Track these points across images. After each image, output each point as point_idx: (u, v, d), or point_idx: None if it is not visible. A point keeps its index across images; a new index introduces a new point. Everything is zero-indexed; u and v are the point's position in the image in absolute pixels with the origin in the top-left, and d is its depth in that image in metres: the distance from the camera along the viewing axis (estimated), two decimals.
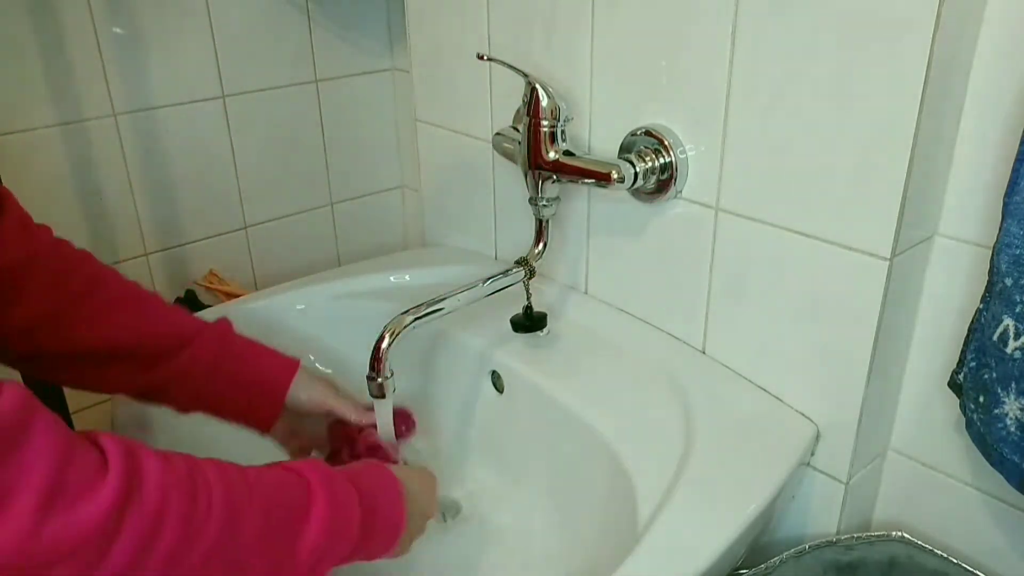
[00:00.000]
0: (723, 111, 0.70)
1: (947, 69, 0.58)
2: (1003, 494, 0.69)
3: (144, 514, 0.42)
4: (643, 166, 0.74)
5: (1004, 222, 0.57)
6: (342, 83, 1.17)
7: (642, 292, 0.84)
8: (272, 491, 0.51)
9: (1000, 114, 0.60)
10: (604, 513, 0.70)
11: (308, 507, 0.52)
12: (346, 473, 0.58)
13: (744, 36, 0.66)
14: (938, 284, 0.68)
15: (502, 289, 0.79)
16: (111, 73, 0.97)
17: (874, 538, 0.71)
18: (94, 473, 0.41)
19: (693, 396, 0.74)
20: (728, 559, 0.63)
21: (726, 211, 0.73)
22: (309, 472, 0.54)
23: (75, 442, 0.41)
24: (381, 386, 0.70)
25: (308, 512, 0.52)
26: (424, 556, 0.77)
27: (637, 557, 0.57)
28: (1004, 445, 0.60)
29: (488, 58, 0.77)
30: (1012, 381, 0.57)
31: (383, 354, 0.69)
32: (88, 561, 0.40)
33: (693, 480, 0.64)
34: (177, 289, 1.09)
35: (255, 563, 0.48)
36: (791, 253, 0.69)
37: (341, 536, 0.54)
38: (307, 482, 0.53)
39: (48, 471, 0.38)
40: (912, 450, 0.74)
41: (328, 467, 0.57)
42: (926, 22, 0.55)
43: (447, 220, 1.05)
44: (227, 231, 1.13)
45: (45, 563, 0.38)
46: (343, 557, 0.55)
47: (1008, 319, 0.57)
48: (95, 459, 0.41)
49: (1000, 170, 0.61)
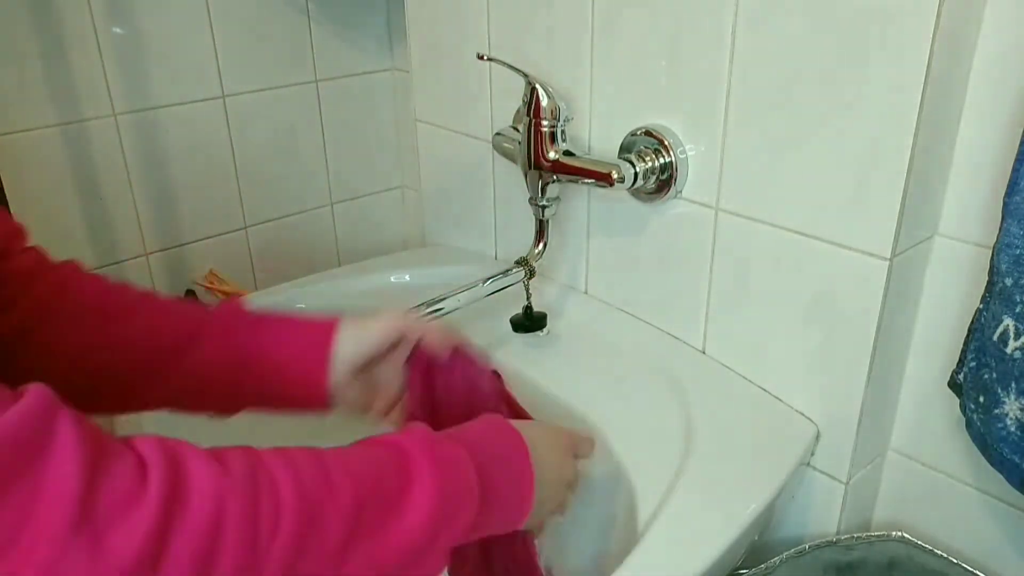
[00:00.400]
0: (723, 111, 0.70)
1: (947, 69, 0.58)
2: (1003, 494, 0.69)
3: (195, 532, 0.35)
4: (643, 166, 0.74)
5: (1004, 222, 0.57)
6: (342, 83, 1.17)
7: (642, 292, 0.84)
8: (360, 477, 0.43)
9: (1000, 114, 0.60)
10: (604, 513, 0.70)
11: (408, 487, 0.44)
12: (455, 435, 0.49)
13: (744, 36, 0.66)
14: (938, 284, 0.68)
15: (502, 289, 0.79)
16: (111, 73, 0.97)
17: (874, 538, 0.71)
18: (131, 486, 0.35)
19: (693, 396, 0.74)
20: (728, 559, 0.63)
21: (726, 211, 0.73)
22: (407, 442, 0.46)
23: (108, 450, 0.35)
24: None
25: (409, 493, 0.44)
26: None
27: (637, 557, 0.57)
28: (1004, 445, 0.60)
29: (488, 58, 0.77)
30: (1012, 381, 0.57)
31: None
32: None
33: (693, 480, 0.64)
34: (177, 289, 1.09)
35: (347, 567, 0.41)
36: (791, 253, 0.69)
37: (454, 515, 0.46)
38: (405, 455, 0.45)
39: (76, 489, 0.33)
40: (912, 450, 0.74)
41: (429, 430, 0.48)
42: (926, 22, 0.55)
43: (447, 220, 1.05)
44: (227, 231, 1.13)
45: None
46: (456, 538, 0.47)
47: (1008, 319, 0.57)
48: (132, 469, 0.35)
49: (1000, 170, 0.61)
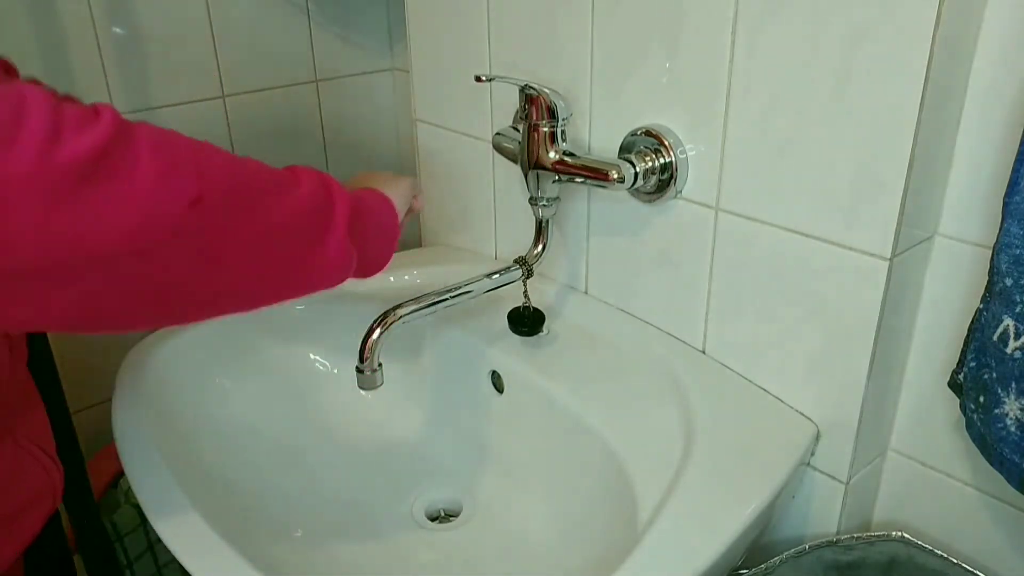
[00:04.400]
0: (723, 111, 0.70)
1: (947, 68, 0.58)
2: (1003, 494, 0.69)
3: (135, 159, 0.43)
4: (643, 166, 0.74)
5: (1004, 222, 0.57)
6: (342, 83, 1.17)
7: (642, 292, 0.84)
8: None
9: (1000, 114, 0.60)
10: (604, 513, 0.70)
11: (332, 202, 0.55)
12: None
13: (744, 36, 0.66)
14: (938, 284, 0.68)
15: (498, 288, 0.79)
16: (111, 73, 0.97)
17: (874, 538, 0.71)
18: (89, 114, 0.42)
19: (693, 396, 0.74)
20: (728, 559, 0.63)
21: (726, 211, 0.73)
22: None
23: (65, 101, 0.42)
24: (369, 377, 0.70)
25: (332, 206, 0.55)
26: (424, 556, 0.77)
27: (637, 557, 0.57)
28: (1004, 445, 0.60)
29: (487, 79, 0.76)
30: (1012, 381, 0.57)
31: (372, 345, 0.70)
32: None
33: (693, 480, 0.64)
34: None
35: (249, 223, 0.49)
36: (791, 253, 0.69)
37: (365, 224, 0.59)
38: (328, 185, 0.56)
39: (47, 110, 0.39)
40: (912, 450, 0.74)
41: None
42: (926, 22, 0.55)
43: (447, 220, 1.05)
44: None
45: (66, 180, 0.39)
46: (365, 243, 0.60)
47: (1008, 319, 0.57)
48: (89, 110, 0.42)
49: (1000, 170, 0.61)
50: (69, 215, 0.40)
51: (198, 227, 0.45)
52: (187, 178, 0.45)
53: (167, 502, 0.64)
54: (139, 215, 0.42)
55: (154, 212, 0.43)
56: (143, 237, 0.43)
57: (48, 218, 0.39)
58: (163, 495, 0.65)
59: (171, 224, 0.44)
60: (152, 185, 0.43)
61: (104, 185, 0.41)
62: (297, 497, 0.80)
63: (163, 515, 0.63)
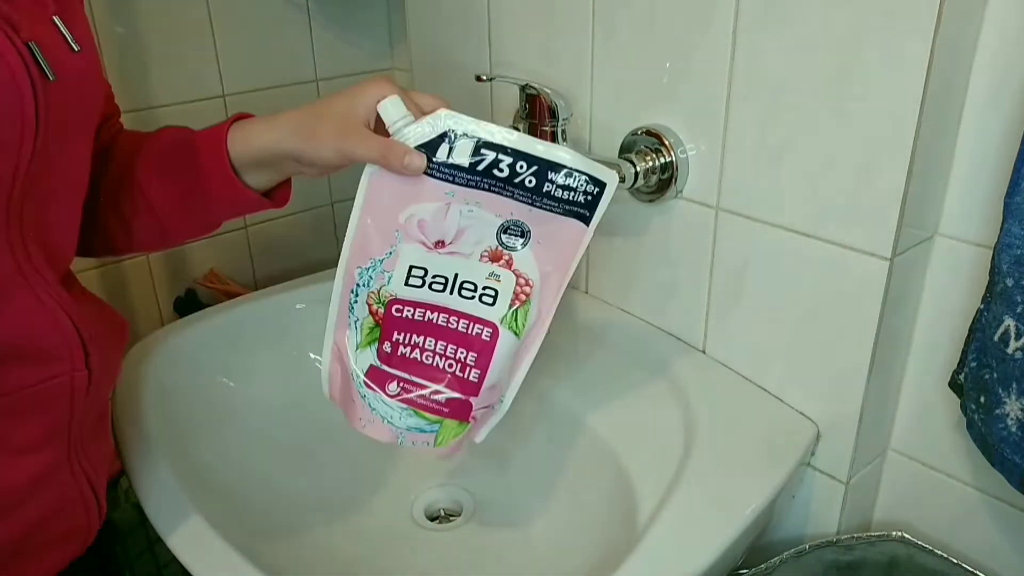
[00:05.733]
0: (723, 111, 0.70)
1: (948, 69, 0.58)
2: (1003, 494, 0.69)
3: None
4: (643, 166, 0.74)
5: (1005, 222, 0.57)
6: (342, 83, 1.17)
7: (642, 292, 0.84)
8: None
9: (1000, 114, 0.60)
10: (604, 513, 0.70)
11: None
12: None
13: (744, 36, 0.66)
14: (939, 284, 0.68)
15: None
16: (111, 73, 0.97)
17: (874, 538, 0.71)
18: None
19: (693, 396, 0.74)
20: (728, 559, 0.63)
21: (726, 211, 0.73)
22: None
23: None
24: None
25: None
26: (424, 556, 0.77)
27: (637, 557, 0.57)
28: (1005, 445, 0.60)
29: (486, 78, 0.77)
30: (1013, 381, 0.57)
31: None
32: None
33: (693, 480, 0.64)
34: (177, 289, 1.09)
35: None
36: (791, 253, 0.69)
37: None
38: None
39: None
40: (912, 450, 0.74)
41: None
42: (927, 22, 0.55)
43: None
44: (227, 231, 1.13)
45: None
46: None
47: (1009, 319, 0.57)
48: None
49: (1001, 170, 0.61)
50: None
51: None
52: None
53: (167, 502, 0.64)
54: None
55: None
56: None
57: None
58: (163, 495, 0.65)
59: None
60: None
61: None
62: (297, 497, 0.80)
63: (163, 515, 0.63)
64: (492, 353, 0.59)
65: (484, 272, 0.59)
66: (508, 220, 0.59)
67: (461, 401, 0.60)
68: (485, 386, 0.60)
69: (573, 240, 0.59)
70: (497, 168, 0.57)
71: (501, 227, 0.59)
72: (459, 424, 0.60)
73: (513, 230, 0.59)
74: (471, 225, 0.58)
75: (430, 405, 0.59)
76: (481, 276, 0.59)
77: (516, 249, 0.59)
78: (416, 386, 0.59)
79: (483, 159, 0.57)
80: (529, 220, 0.59)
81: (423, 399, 0.59)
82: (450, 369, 0.59)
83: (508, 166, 0.57)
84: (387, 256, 0.59)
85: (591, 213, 0.59)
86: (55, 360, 0.53)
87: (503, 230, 0.59)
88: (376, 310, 0.59)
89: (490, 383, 0.60)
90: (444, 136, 0.57)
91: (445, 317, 0.59)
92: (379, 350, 0.59)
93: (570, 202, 0.58)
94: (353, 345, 0.60)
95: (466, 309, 0.59)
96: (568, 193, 0.58)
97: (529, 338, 0.61)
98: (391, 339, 0.59)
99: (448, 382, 0.59)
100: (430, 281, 0.59)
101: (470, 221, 0.58)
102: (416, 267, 0.59)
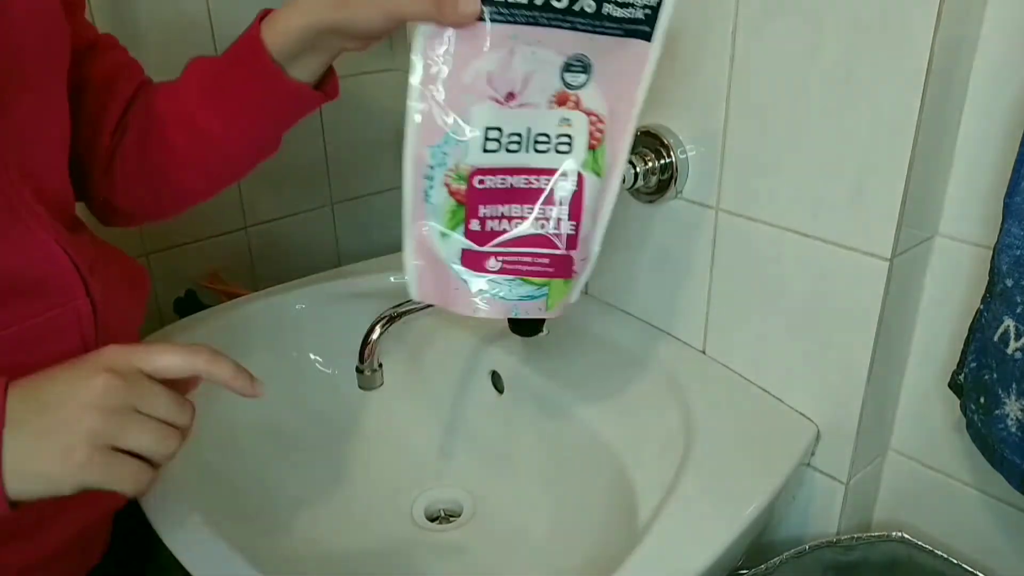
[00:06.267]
0: (724, 111, 0.70)
1: (948, 69, 0.58)
2: (1003, 494, 0.69)
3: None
4: (643, 166, 0.74)
5: (1005, 223, 0.57)
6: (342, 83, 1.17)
7: (642, 292, 0.84)
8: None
9: (1001, 114, 0.60)
10: (604, 513, 0.70)
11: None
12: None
13: (744, 36, 0.66)
14: (938, 284, 0.68)
15: None
16: None
17: (874, 538, 0.71)
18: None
19: (693, 396, 0.74)
20: (728, 559, 0.63)
21: (726, 211, 0.73)
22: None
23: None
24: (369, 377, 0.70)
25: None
26: (424, 556, 0.77)
27: (637, 557, 0.57)
28: (1005, 446, 0.60)
29: None
30: (1013, 382, 0.57)
31: (372, 345, 0.70)
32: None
33: (693, 480, 0.64)
34: (177, 289, 1.09)
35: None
36: (791, 253, 0.69)
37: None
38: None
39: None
40: (912, 450, 0.74)
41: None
42: (927, 22, 0.55)
43: None
44: (227, 231, 1.13)
45: None
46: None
47: (1009, 320, 0.57)
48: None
49: (1001, 170, 0.61)
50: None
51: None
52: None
53: (166, 501, 0.64)
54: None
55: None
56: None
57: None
58: (163, 495, 0.65)
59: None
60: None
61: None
62: (297, 497, 0.80)
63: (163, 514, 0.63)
64: (581, 201, 0.57)
65: (555, 119, 0.56)
66: (570, 56, 0.54)
67: (562, 257, 0.58)
68: (581, 236, 0.58)
69: (636, 62, 0.55)
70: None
71: (563, 66, 0.55)
72: (564, 282, 0.59)
73: (575, 66, 0.55)
74: (536, 69, 0.54)
75: (535, 269, 0.58)
76: (552, 124, 0.56)
77: (581, 87, 0.55)
78: (514, 255, 0.57)
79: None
80: (591, 52, 0.54)
81: (526, 265, 0.57)
82: (542, 229, 0.57)
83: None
84: (462, 125, 0.55)
85: (651, 28, 0.54)
86: (54, 291, 0.53)
87: (565, 68, 0.55)
88: (457, 189, 0.55)
89: (584, 233, 0.58)
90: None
91: (526, 179, 0.56)
92: (466, 230, 0.56)
93: (631, 20, 0.54)
94: (437, 234, 0.56)
95: (545, 164, 0.56)
96: (627, 11, 0.53)
97: (609, 177, 0.58)
98: (478, 215, 0.56)
99: (546, 243, 0.57)
100: (506, 142, 0.55)
101: (534, 65, 0.54)
102: (492, 128, 0.55)
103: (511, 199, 0.57)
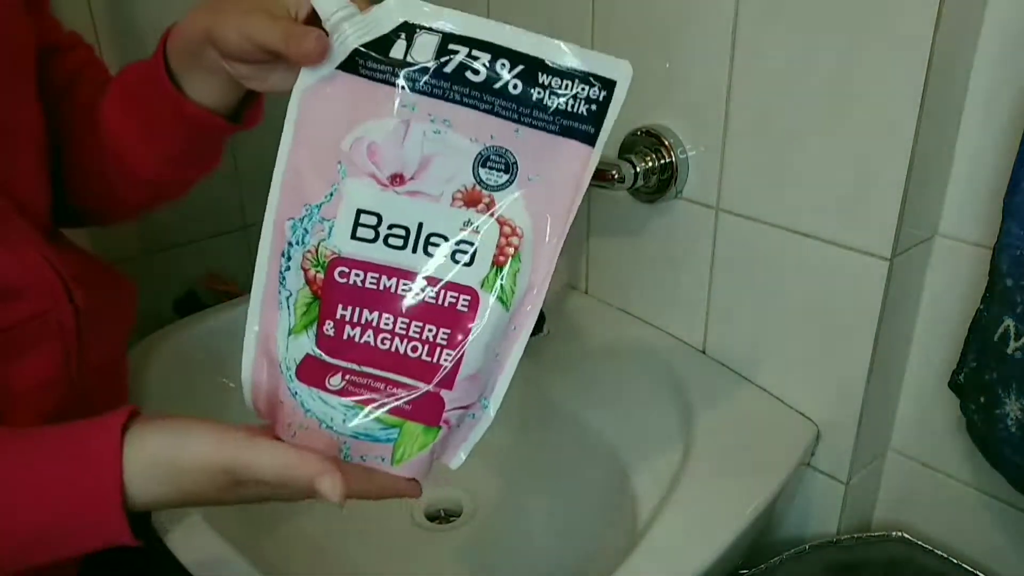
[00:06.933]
0: (723, 111, 0.70)
1: (947, 69, 0.58)
2: (1003, 494, 0.69)
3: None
4: (643, 166, 0.74)
5: (1004, 222, 0.57)
6: None
7: (642, 292, 0.84)
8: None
9: (1000, 114, 0.60)
10: (604, 513, 0.70)
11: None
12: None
13: (744, 36, 0.66)
14: (938, 284, 0.68)
15: None
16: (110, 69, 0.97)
17: (874, 538, 0.71)
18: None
19: (693, 396, 0.74)
20: (728, 559, 0.63)
21: (726, 211, 0.73)
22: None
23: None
24: None
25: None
26: (424, 556, 0.77)
27: (637, 557, 0.57)
28: (1005, 446, 0.60)
29: None
30: (1013, 382, 0.57)
31: None
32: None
33: (693, 480, 0.64)
34: (177, 289, 1.09)
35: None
36: (791, 253, 0.69)
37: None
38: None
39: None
40: (912, 450, 0.74)
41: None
42: (927, 22, 0.55)
43: None
44: (227, 231, 1.12)
45: None
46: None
47: (1009, 320, 0.57)
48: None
49: (1000, 170, 0.61)
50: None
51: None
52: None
53: None
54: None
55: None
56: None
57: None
58: None
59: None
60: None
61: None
62: None
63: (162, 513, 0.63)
64: (470, 328, 0.44)
65: (458, 220, 0.44)
66: (488, 147, 0.44)
67: (429, 396, 0.45)
68: (462, 375, 0.45)
69: (574, 169, 0.44)
70: (471, 70, 0.43)
71: (479, 157, 0.44)
72: (425, 430, 0.45)
73: (494, 162, 0.44)
74: (439, 153, 0.43)
75: (385, 401, 0.45)
76: (454, 226, 0.44)
77: (499, 188, 0.44)
78: (367, 377, 0.44)
79: (452, 57, 0.43)
80: (515, 146, 0.44)
81: (376, 392, 0.45)
82: (414, 353, 0.44)
83: (485, 66, 0.43)
84: (327, 199, 0.44)
85: (596, 128, 0.44)
86: (36, 297, 0.52)
87: (482, 162, 0.44)
88: (314, 276, 0.44)
89: (468, 371, 0.45)
90: (400, 29, 0.43)
91: (407, 284, 0.44)
92: (319, 333, 0.44)
93: (568, 114, 0.44)
94: (284, 330, 0.45)
95: (432, 271, 0.44)
96: (565, 101, 0.43)
97: (520, 311, 0.46)
98: (334, 316, 0.44)
99: (411, 371, 0.44)
100: (386, 233, 0.44)
101: (438, 147, 0.43)
102: (366, 212, 0.44)
103: (382, 304, 0.44)
